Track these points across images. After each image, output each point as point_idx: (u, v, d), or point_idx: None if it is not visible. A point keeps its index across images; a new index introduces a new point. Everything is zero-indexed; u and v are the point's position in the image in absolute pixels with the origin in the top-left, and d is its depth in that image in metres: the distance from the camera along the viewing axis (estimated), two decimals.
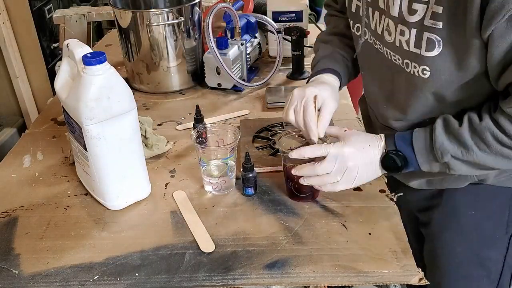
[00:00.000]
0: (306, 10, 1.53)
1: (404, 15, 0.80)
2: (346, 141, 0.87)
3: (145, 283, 0.79)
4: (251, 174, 0.95)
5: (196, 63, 1.45)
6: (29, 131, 1.26)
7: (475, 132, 0.79)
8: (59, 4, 2.81)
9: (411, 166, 0.86)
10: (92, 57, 0.82)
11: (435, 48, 0.78)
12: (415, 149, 0.85)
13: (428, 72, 0.81)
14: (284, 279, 0.79)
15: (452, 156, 0.82)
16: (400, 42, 0.83)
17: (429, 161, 0.85)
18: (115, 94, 0.85)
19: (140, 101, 1.38)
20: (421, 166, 0.86)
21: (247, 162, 0.95)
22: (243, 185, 0.97)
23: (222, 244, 0.86)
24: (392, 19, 0.84)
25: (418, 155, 0.85)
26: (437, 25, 0.76)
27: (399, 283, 0.83)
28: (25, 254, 0.85)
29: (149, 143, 1.10)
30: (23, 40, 2.49)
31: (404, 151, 0.86)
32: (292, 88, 1.27)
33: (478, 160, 0.80)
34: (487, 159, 0.80)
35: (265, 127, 1.19)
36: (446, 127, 0.83)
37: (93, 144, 0.87)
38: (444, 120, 0.83)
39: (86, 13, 2.14)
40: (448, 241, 1.00)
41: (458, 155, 0.81)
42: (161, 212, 0.95)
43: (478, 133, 0.79)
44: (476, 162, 0.81)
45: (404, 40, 0.82)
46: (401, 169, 0.86)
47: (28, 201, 0.99)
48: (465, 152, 0.80)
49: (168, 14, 1.34)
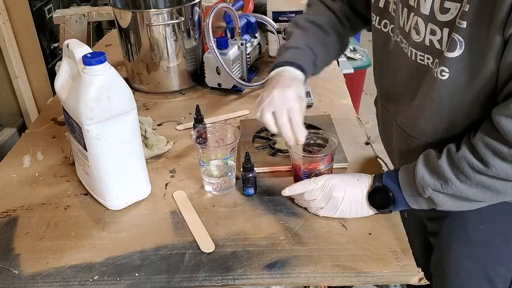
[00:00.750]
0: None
1: (435, 13, 0.77)
2: (336, 175, 0.91)
3: (145, 283, 0.79)
4: (251, 174, 0.95)
5: (196, 63, 1.45)
6: (29, 131, 1.26)
7: (453, 163, 0.78)
8: (59, 4, 2.81)
9: (399, 203, 0.87)
10: (92, 57, 0.82)
11: (456, 48, 0.75)
12: (400, 185, 0.85)
13: (447, 74, 0.78)
14: (284, 279, 0.79)
15: (433, 190, 0.81)
16: (431, 42, 0.80)
17: (414, 196, 0.84)
18: (115, 94, 0.85)
19: (140, 101, 1.38)
20: (409, 203, 0.86)
21: (247, 162, 0.95)
22: (243, 185, 0.97)
23: (222, 244, 0.86)
24: (421, 17, 0.80)
25: (403, 191, 0.85)
26: (461, 24, 0.73)
27: (399, 283, 0.83)
28: (25, 254, 0.85)
29: (149, 143, 1.10)
30: (23, 40, 2.49)
31: (391, 187, 0.86)
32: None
33: (460, 193, 0.79)
34: (469, 191, 0.78)
35: (265, 127, 1.18)
36: (426, 161, 0.83)
37: (93, 144, 0.87)
38: (425, 154, 0.84)
39: (86, 13, 2.14)
40: (456, 253, 0.98)
41: (438, 188, 0.80)
42: (161, 212, 0.95)
43: (455, 164, 0.78)
44: (458, 194, 0.79)
45: (436, 39, 0.79)
46: (388, 205, 0.87)
47: (28, 201, 0.99)
48: (445, 185, 0.79)
49: (168, 14, 1.34)
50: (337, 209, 0.88)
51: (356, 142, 1.14)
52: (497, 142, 0.73)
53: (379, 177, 0.89)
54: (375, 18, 0.95)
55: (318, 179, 0.89)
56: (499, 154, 0.74)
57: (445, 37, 0.77)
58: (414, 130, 0.91)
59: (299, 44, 1.01)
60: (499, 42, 0.70)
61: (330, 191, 0.88)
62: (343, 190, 0.88)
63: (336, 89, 1.40)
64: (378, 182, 0.88)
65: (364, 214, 0.89)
